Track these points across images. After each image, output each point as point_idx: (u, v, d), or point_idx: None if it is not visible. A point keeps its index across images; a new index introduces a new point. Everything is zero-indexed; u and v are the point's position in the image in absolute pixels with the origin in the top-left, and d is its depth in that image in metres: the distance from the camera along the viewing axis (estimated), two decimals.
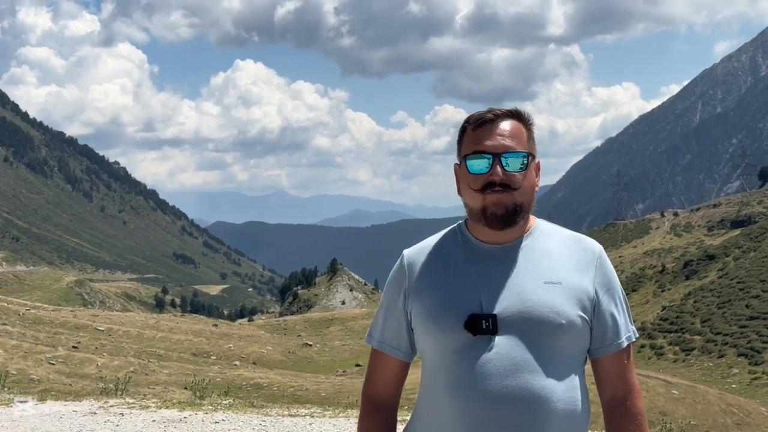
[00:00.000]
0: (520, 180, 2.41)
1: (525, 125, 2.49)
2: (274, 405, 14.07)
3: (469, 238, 2.53)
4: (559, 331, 2.36)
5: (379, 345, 2.63)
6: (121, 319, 64.36)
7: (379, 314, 2.66)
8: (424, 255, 2.57)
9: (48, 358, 37.07)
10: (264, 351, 59.21)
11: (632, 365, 2.55)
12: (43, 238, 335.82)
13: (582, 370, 2.48)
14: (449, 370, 2.39)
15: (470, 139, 2.46)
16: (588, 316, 2.43)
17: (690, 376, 59.71)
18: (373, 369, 2.66)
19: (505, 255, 2.46)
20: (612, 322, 2.48)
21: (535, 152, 2.50)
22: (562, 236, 2.55)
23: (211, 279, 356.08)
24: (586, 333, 2.45)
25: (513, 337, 2.35)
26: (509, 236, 2.47)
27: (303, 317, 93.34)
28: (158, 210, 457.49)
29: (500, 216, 2.39)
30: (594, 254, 2.51)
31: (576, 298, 2.41)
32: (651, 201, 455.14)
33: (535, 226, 2.54)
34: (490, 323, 2.35)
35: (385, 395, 2.63)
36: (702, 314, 75.95)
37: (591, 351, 2.50)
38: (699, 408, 41.43)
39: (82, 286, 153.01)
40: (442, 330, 2.40)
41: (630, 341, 2.52)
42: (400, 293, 2.57)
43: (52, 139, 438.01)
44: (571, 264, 2.47)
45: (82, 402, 12.86)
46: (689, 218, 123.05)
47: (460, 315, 2.38)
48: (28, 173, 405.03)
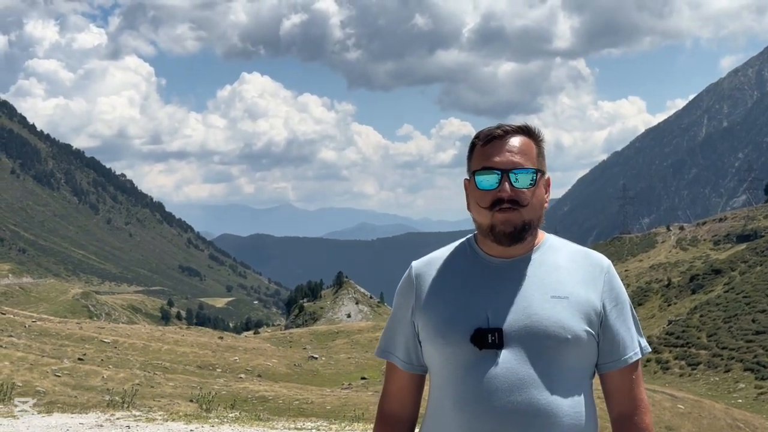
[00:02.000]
0: (529, 197, 2.41)
1: (535, 141, 2.50)
2: (280, 418, 14.11)
3: (477, 252, 2.53)
4: (566, 345, 2.37)
5: (389, 357, 2.63)
6: (126, 331, 64.40)
7: (389, 327, 2.67)
8: (432, 267, 2.57)
9: (54, 370, 37.10)
10: (269, 364, 59.20)
11: (641, 380, 2.54)
12: (49, 250, 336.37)
13: (589, 384, 2.48)
14: (456, 384, 2.39)
15: (479, 155, 2.46)
16: (595, 330, 2.43)
17: (696, 390, 59.58)
18: (386, 382, 2.66)
19: (513, 269, 2.46)
20: (620, 337, 2.48)
21: (545, 168, 2.51)
22: (570, 251, 2.54)
23: (217, 291, 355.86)
24: (593, 348, 2.45)
25: (519, 351, 2.36)
26: (518, 251, 2.47)
27: (308, 330, 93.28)
28: (164, 222, 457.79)
29: (508, 233, 2.40)
30: (602, 269, 2.51)
31: (583, 313, 2.41)
32: (657, 215, 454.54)
33: (543, 240, 2.54)
34: (496, 337, 2.36)
35: (399, 409, 2.63)
36: (708, 329, 75.80)
37: (599, 366, 2.50)
38: (705, 423, 41.35)
39: (88, 298, 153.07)
40: (448, 343, 2.40)
41: (638, 357, 2.51)
42: (408, 305, 2.57)
43: (59, 151, 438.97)
44: (579, 278, 2.46)
45: (89, 414, 12.90)
46: (695, 232, 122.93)
47: (466, 329, 2.39)
48: (35, 185, 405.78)
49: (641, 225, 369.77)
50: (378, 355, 2.69)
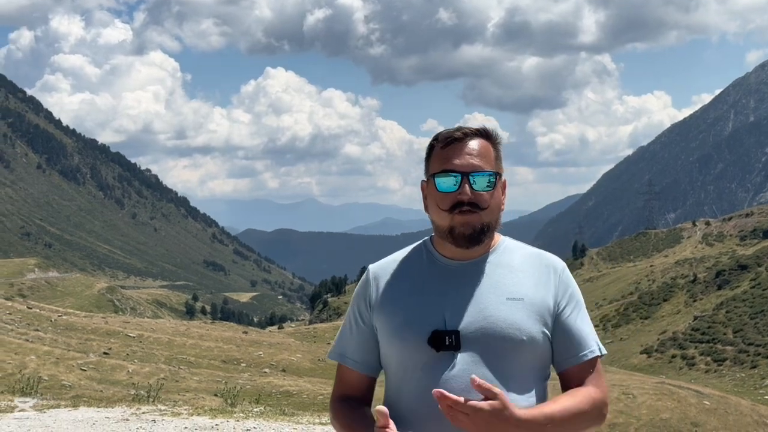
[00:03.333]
0: (488, 199, 2.43)
1: (493, 144, 2.51)
2: (304, 413, 14.09)
3: (434, 254, 2.55)
4: (521, 347, 2.38)
5: (343, 359, 2.64)
6: (151, 325, 64.59)
7: (344, 329, 2.67)
8: (389, 270, 2.60)
9: (79, 364, 37.29)
10: (294, 358, 59.24)
11: (599, 378, 2.51)
12: (75, 244, 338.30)
13: (544, 385, 2.49)
14: (413, 385, 2.41)
15: (438, 157, 2.47)
16: (549, 331, 2.45)
17: (722, 386, 59.27)
18: (338, 383, 2.67)
19: (470, 271, 2.48)
20: (575, 333, 2.48)
21: (502, 171, 2.52)
22: (524, 253, 2.56)
23: (241, 286, 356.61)
24: (548, 349, 2.47)
25: (475, 353, 2.37)
26: (474, 253, 2.49)
27: (333, 325, 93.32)
28: (189, 217, 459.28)
29: (467, 235, 2.42)
30: (556, 270, 2.53)
31: (538, 314, 2.43)
32: (682, 210, 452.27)
33: (499, 242, 2.56)
34: (453, 339, 2.37)
35: (353, 398, 2.63)
36: (734, 324, 75.45)
37: (557, 363, 2.51)
38: (731, 419, 41.12)
39: (113, 292, 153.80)
40: (406, 345, 2.42)
41: (596, 354, 2.50)
42: (365, 308, 2.58)
43: (84, 146, 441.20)
44: (534, 280, 2.48)
45: (115, 408, 12.93)
46: (721, 228, 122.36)
47: (423, 331, 2.40)
48: (61, 180, 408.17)
49: (667, 220, 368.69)
50: (332, 357, 2.71)
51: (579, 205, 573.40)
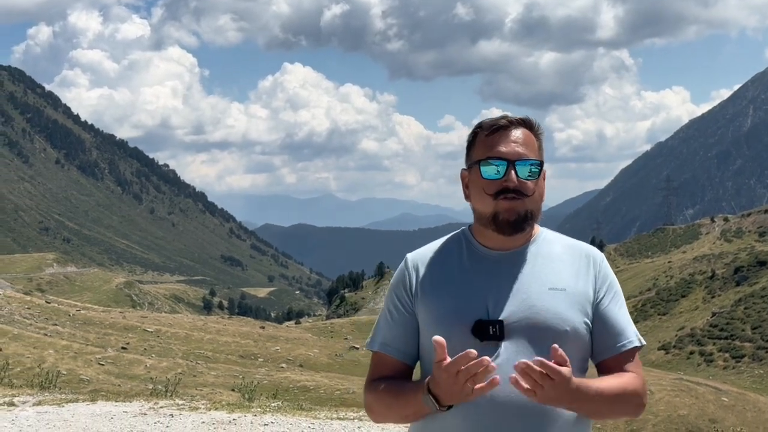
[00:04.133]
0: (532, 187, 2.42)
1: (535, 134, 2.51)
2: (322, 408, 14.11)
3: (474, 244, 2.55)
4: (564, 337, 2.36)
5: (384, 348, 2.58)
6: (169, 320, 64.84)
7: (382, 318, 2.63)
8: (428, 259, 2.59)
9: (97, 358, 37.45)
10: (311, 354, 59.35)
11: (638, 369, 2.51)
12: (93, 239, 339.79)
13: (584, 377, 2.45)
14: None
15: (483, 144, 2.47)
16: (590, 321, 2.46)
17: (740, 383, 59.09)
18: (373, 372, 2.61)
19: (511, 261, 2.48)
20: (613, 326, 2.48)
21: (543, 161, 2.51)
22: (564, 243, 2.57)
23: (259, 281, 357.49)
24: (589, 340, 2.47)
25: (519, 343, 2.37)
26: (515, 243, 2.48)
27: (350, 320, 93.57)
28: (207, 212, 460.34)
29: (512, 222, 2.41)
30: (595, 261, 2.53)
31: (579, 305, 2.43)
32: (701, 206, 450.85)
33: (538, 233, 2.55)
34: (497, 329, 2.37)
35: None
36: (752, 321, 75.18)
37: (595, 354, 2.50)
38: (749, 416, 41.01)
39: (131, 287, 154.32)
40: (449, 335, 2.34)
41: (635, 345, 2.50)
42: (404, 298, 2.55)
43: (103, 141, 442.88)
44: (574, 270, 2.49)
45: (132, 403, 12.98)
46: (740, 224, 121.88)
47: (467, 321, 2.39)
48: (80, 175, 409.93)
49: (685, 216, 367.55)
50: (370, 347, 2.63)
51: (597, 200, 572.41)
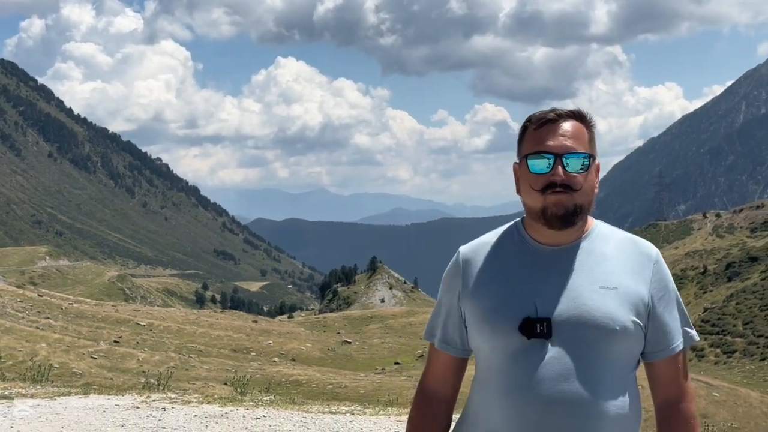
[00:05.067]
0: (581, 181, 2.39)
1: (586, 126, 2.47)
2: (314, 402, 14.12)
3: (526, 239, 2.51)
4: (614, 337, 2.35)
5: (432, 339, 2.63)
6: (161, 314, 64.83)
7: (436, 310, 2.64)
8: (480, 253, 2.55)
9: (90, 352, 37.44)
10: (303, 348, 59.42)
11: (687, 369, 2.53)
12: (85, 233, 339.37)
13: (634, 375, 2.47)
14: (502, 372, 2.38)
15: (532, 138, 2.44)
16: (642, 321, 2.41)
17: (731, 378, 59.22)
18: (429, 364, 2.66)
19: (562, 257, 2.44)
20: (666, 327, 2.47)
21: (596, 153, 2.48)
22: (618, 239, 2.52)
23: (252, 275, 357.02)
24: (640, 339, 2.43)
25: (567, 341, 2.34)
26: (567, 238, 2.45)
27: (342, 315, 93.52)
28: (199, 206, 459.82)
29: (560, 216, 2.37)
30: (650, 258, 2.50)
31: (631, 304, 2.39)
32: (693, 202, 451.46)
33: (592, 227, 2.52)
34: (544, 327, 2.34)
35: (440, 389, 2.62)
36: (744, 316, 75.36)
37: (645, 354, 2.48)
38: (740, 411, 41.13)
39: (123, 281, 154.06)
40: (496, 331, 2.39)
41: (683, 346, 2.50)
42: (455, 290, 2.55)
43: (95, 135, 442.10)
44: (627, 268, 2.44)
45: (125, 396, 12.98)
46: (732, 219, 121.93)
47: (514, 317, 2.37)
48: (72, 169, 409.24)
49: (677, 212, 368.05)
50: (425, 337, 2.66)
51: None
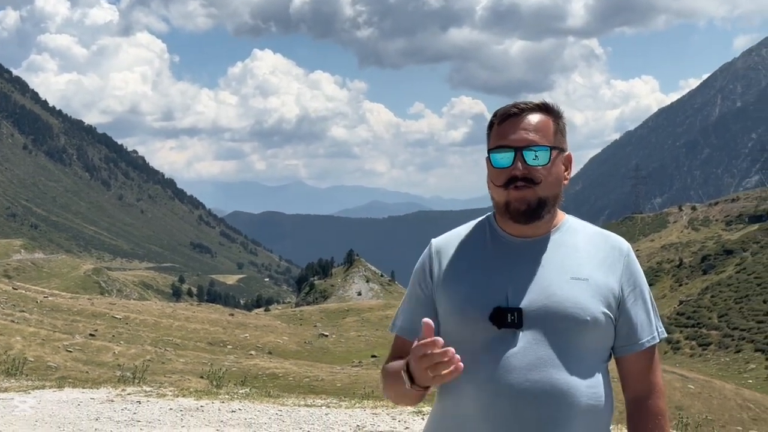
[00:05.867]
0: (544, 174, 2.38)
1: (554, 118, 2.46)
2: (290, 395, 14.11)
3: (497, 231, 2.50)
4: (584, 327, 2.34)
5: (402, 332, 2.58)
6: (138, 307, 64.64)
7: (405, 302, 2.62)
8: (452, 245, 2.55)
9: (65, 345, 37.26)
10: (280, 341, 59.37)
11: (657, 365, 2.52)
12: (61, 226, 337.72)
13: (605, 366, 2.46)
14: (473, 362, 2.34)
15: (495, 133, 2.44)
16: (613, 314, 2.41)
17: (706, 370, 59.58)
18: (392, 355, 2.59)
19: (533, 249, 2.44)
20: (637, 321, 2.45)
21: (565, 145, 2.48)
22: (589, 232, 2.52)
23: (228, 269, 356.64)
24: (611, 331, 2.43)
25: (538, 331, 2.34)
26: (537, 230, 2.45)
27: (319, 308, 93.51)
28: (176, 199, 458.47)
29: (523, 211, 2.38)
30: (621, 252, 2.48)
31: (601, 296, 2.39)
32: (669, 195, 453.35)
33: (563, 221, 2.51)
34: (515, 317, 2.34)
35: None
36: (719, 309, 75.80)
37: (615, 349, 2.47)
38: (715, 403, 41.36)
39: (99, 274, 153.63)
40: (466, 321, 2.38)
41: (655, 342, 2.49)
42: (426, 282, 2.53)
43: (71, 127, 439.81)
44: (598, 261, 2.44)
45: (100, 389, 12.92)
46: (707, 213, 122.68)
47: (485, 307, 2.36)
48: (47, 161, 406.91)
49: (653, 205, 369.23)
50: (392, 330, 2.63)
51: (566, 189, 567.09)
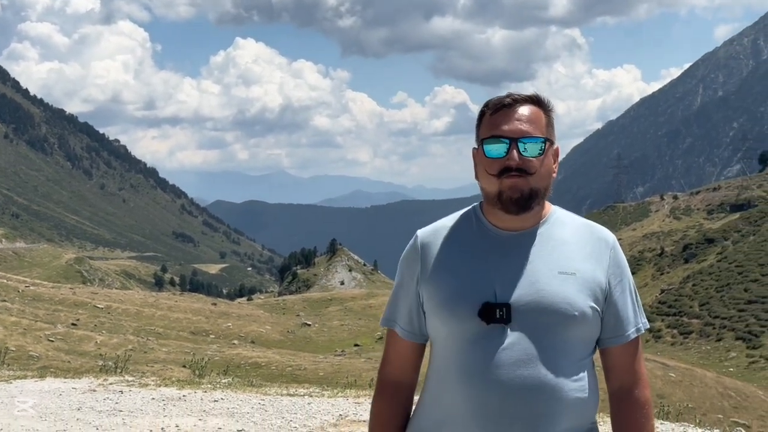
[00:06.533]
0: (537, 165, 2.39)
1: (544, 111, 2.47)
2: (272, 384, 14.10)
3: (484, 224, 2.50)
4: (572, 322, 2.36)
5: (392, 326, 2.61)
6: (120, 296, 64.47)
7: (394, 296, 2.63)
8: (438, 237, 2.54)
9: (47, 335, 37.14)
10: (263, 330, 59.35)
11: (641, 356, 2.54)
12: (42, 215, 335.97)
13: (591, 359, 2.48)
14: (461, 357, 2.38)
15: (488, 123, 2.44)
16: (600, 307, 2.43)
17: (688, 359, 59.81)
18: (387, 350, 2.65)
19: (521, 243, 2.44)
20: (623, 313, 2.48)
21: (554, 138, 2.49)
22: (576, 225, 2.53)
23: (211, 258, 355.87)
24: (598, 324, 2.44)
25: (526, 326, 2.34)
26: (525, 223, 2.45)
27: (302, 297, 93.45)
28: (158, 188, 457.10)
29: (516, 200, 2.38)
30: (608, 245, 2.50)
31: (589, 290, 2.40)
32: (651, 184, 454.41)
33: (550, 213, 2.52)
34: (504, 312, 2.34)
35: (400, 376, 2.62)
36: (700, 298, 76.04)
37: (601, 341, 2.49)
38: (696, 391, 41.52)
39: (81, 263, 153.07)
40: (455, 317, 2.38)
41: (639, 333, 2.51)
42: (412, 275, 2.54)
43: (52, 116, 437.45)
44: (585, 254, 2.45)
45: (82, 379, 12.88)
46: (689, 201, 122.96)
47: (474, 303, 2.37)
48: (29, 150, 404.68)
49: (635, 194, 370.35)
50: (382, 323, 2.65)
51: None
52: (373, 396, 2.68)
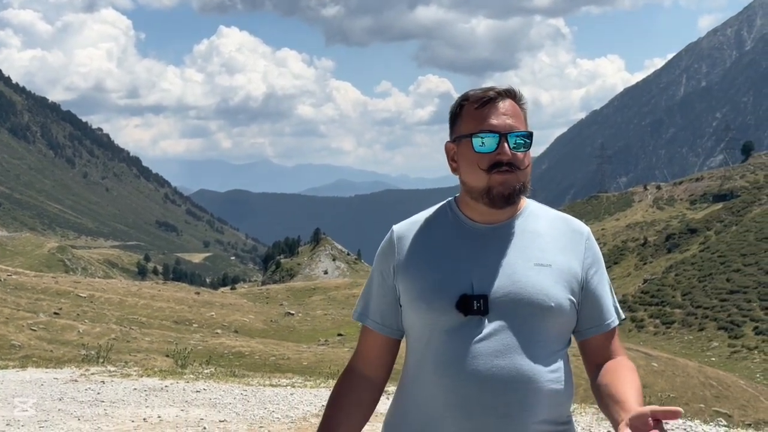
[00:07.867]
0: (524, 159, 2.39)
1: (519, 104, 2.44)
2: (255, 374, 14.09)
3: (460, 217, 2.48)
4: (548, 313, 2.35)
5: (365, 320, 2.57)
6: (102, 286, 64.26)
7: (367, 289, 2.61)
8: (414, 231, 2.52)
9: (29, 324, 37.00)
10: (246, 320, 59.26)
11: (618, 344, 2.52)
12: (25, 203, 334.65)
13: (566, 351, 2.47)
14: (439, 349, 2.36)
15: (473, 117, 2.39)
16: (576, 298, 2.42)
17: (670, 348, 60.07)
18: (360, 344, 2.61)
19: (497, 235, 2.43)
20: (599, 304, 2.46)
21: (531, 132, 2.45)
22: (550, 217, 2.51)
23: (194, 247, 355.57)
24: (574, 315, 2.43)
25: (503, 318, 2.33)
26: (501, 216, 2.43)
27: (285, 286, 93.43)
28: (141, 177, 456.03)
29: (506, 195, 2.36)
30: (582, 236, 2.49)
31: (565, 281, 2.39)
32: (634, 174, 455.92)
33: (525, 206, 2.50)
34: (481, 304, 2.33)
35: (367, 370, 2.59)
36: (683, 287, 76.35)
37: (578, 332, 2.48)
38: (678, 381, 41.69)
39: (64, 252, 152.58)
40: (432, 309, 2.36)
41: (617, 323, 2.50)
42: (388, 269, 2.51)
43: (34, 104, 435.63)
44: (560, 246, 2.44)
45: (63, 369, 12.85)
46: (672, 192, 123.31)
47: (451, 295, 2.35)
48: (11, 139, 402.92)
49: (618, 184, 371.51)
50: (355, 317, 2.63)
51: (532, 168, 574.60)
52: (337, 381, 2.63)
